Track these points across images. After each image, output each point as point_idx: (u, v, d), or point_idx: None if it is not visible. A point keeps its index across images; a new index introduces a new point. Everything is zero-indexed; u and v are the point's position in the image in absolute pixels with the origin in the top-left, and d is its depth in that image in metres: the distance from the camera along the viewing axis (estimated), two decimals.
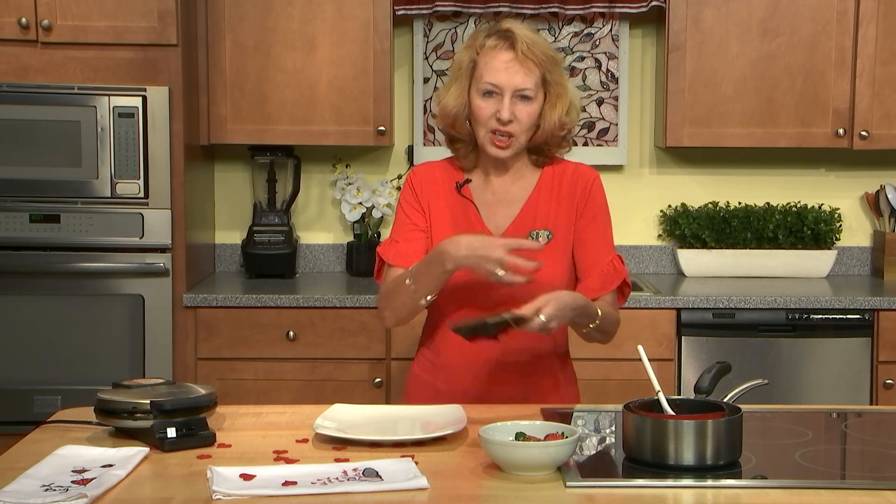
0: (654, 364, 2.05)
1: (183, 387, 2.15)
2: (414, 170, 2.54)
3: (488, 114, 2.37)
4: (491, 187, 2.48)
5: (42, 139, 3.63)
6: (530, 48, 2.36)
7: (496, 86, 2.36)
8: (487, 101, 2.37)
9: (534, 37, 2.39)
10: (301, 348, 3.73)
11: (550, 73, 2.39)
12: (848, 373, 3.76)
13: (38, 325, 3.68)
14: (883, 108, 3.97)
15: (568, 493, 1.78)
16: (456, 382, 2.43)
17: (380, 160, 4.33)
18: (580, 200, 2.46)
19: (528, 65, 2.36)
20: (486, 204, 2.46)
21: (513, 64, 2.35)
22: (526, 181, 2.48)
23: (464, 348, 2.36)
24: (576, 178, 2.48)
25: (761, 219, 4.18)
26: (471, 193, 2.47)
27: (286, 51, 3.94)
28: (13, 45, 3.64)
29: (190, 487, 1.80)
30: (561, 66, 2.44)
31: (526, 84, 2.36)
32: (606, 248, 2.48)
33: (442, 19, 4.23)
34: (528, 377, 2.44)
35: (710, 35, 3.98)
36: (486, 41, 2.39)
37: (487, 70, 2.36)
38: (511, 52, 2.36)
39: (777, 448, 2.10)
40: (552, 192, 2.47)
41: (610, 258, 2.47)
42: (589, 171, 2.51)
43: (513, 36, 2.37)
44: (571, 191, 2.47)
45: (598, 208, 2.49)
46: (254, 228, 4.12)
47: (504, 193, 2.47)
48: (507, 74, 2.35)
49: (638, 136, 4.33)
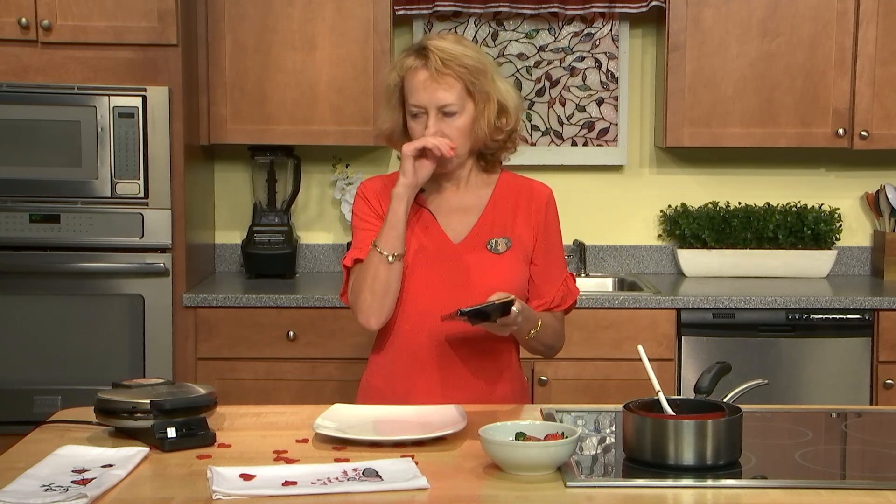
0: (654, 364, 2.05)
1: (183, 387, 2.15)
2: (363, 183, 2.53)
3: (419, 134, 2.38)
4: (444, 196, 2.48)
5: (42, 139, 3.63)
6: (444, 63, 2.33)
7: (419, 106, 2.37)
8: (417, 121, 2.38)
9: (451, 49, 2.36)
10: (301, 348, 3.73)
11: (473, 84, 2.37)
12: (848, 373, 3.76)
13: (38, 325, 3.68)
14: (883, 108, 3.97)
15: (568, 493, 1.78)
16: (410, 386, 2.42)
17: (380, 160, 4.33)
18: (535, 216, 2.47)
19: (447, 80, 2.34)
20: (442, 212, 2.47)
21: (430, 83, 2.35)
22: (480, 190, 2.49)
23: (419, 353, 2.40)
24: (531, 193, 2.49)
25: (761, 219, 4.19)
26: (425, 202, 2.47)
27: (286, 51, 3.94)
28: (13, 45, 3.64)
29: (190, 487, 1.79)
30: (487, 73, 2.39)
31: (447, 99, 2.35)
32: (561, 266, 2.53)
33: (442, 19, 4.23)
34: (482, 379, 2.44)
35: (710, 35, 3.98)
36: (405, 61, 2.39)
37: (409, 92, 2.38)
38: (425, 71, 2.35)
39: (777, 448, 2.10)
40: (508, 203, 2.48)
41: (563, 277, 2.51)
42: (544, 187, 2.53)
43: (427, 53, 2.35)
44: (528, 205, 2.47)
45: (553, 227, 2.51)
46: (254, 228, 4.12)
47: (459, 202, 2.48)
48: (426, 94, 2.35)
49: (638, 136, 4.33)
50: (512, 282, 2.41)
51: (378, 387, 2.48)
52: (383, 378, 2.48)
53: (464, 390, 2.41)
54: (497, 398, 2.44)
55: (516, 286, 2.42)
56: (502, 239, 2.44)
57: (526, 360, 2.66)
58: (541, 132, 4.30)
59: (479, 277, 2.40)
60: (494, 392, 2.45)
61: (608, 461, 2.07)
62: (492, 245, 2.42)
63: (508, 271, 2.42)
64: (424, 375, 2.42)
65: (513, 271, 2.42)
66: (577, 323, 3.62)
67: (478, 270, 2.40)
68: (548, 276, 2.49)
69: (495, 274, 2.41)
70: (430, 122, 2.36)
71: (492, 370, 2.45)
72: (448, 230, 2.44)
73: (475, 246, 2.43)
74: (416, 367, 2.42)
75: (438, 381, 2.42)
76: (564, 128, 4.29)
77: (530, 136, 4.28)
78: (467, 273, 2.40)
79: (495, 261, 2.42)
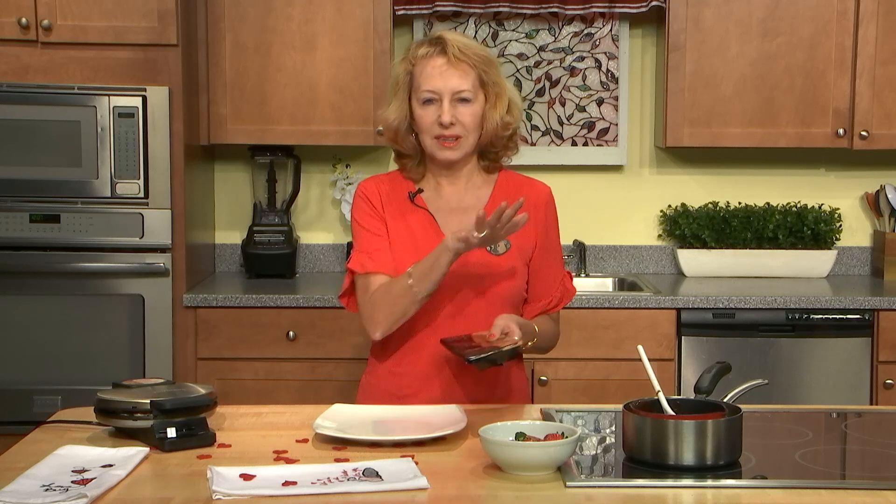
0: (654, 364, 2.05)
1: (183, 387, 2.15)
2: (361, 184, 2.52)
3: (430, 120, 2.38)
4: (444, 196, 2.48)
5: (42, 139, 3.63)
6: (462, 51, 2.38)
7: (434, 92, 2.37)
8: (427, 108, 2.39)
9: (465, 41, 2.41)
10: (301, 348, 3.73)
11: (486, 74, 2.40)
12: (848, 373, 3.76)
13: (38, 325, 3.68)
14: (883, 108, 3.97)
15: (568, 493, 1.78)
16: (413, 389, 2.42)
17: (380, 160, 4.33)
18: (535, 216, 2.47)
19: (462, 67, 2.37)
20: (442, 212, 2.47)
21: (447, 68, 2.37)
22: (480, 190, 2.50)
23: (421, 355, 2.40)
24: (532, 192, 2.50)
25: (761, 219, 4.18)
26: (424, 203, 2.47)
27: (286, 51, 3.94)
28: (13, 45, 3.64)
29: (190, 487, 1.79)
30: (497, 67, 2.45)
31: (462, 86, 2.37)
32: (560, 265, 2.54)
33: (442, 19, 4.23)
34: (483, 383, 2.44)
35: (710, 35, 3.98)
36: (418, 51, 2.41)
37: (423, 78, 2.38)
38: (443, 57, 2.38)
39: (777, 448, 2.10)
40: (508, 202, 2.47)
41: (562, 276, 2.52)
42: (543, 186, 2.54)
43: (443, 41, 2.39)
44: (527, 204, 2.46)
45: (553, 226, 2.53)
46: (254, 228, 4.12)
47: (458, 202, 2.48)
48: (442, 79, 2.37)
49: (638, 136, 4.33)
50: (510, 283, 2.42)
51: (378, 386, 2.48)
52: (384, 378, 2.48)
53: (465, 390, 2.42)
54: (497, 399, 2.44)
55: (514, 288, 2.43)
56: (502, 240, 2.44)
57: (526, 360, 2.66)
58: (541, 132, 4.30)
59: (479, 279, 2.40)
60: (494, 394, 2.45)
61: (608, 461, 2.07)
62: (491, 246, 2.42)
63: (508, 273, 2.42)
64: (424, 375, 2.42)
65: (512, 272, 2.43)
66: (577, 323, 3.63)
67: (478, 272, 2.41)
68: (546, 276, 2.49)
69: (495, 275, 2.41)
70: (444, 107, 2.36)
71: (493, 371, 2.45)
72: (447, 231, 2.43)
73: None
74: (417, 367, 2.43)
75: (439, 382, 2.42)
76: (564, 128, 4.29)
77: (530, 136, 4.28)
78: (467, 275, 2.40)
79: (494, 262, 2.42)
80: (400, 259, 2.41)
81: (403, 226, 2.45)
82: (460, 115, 2.38)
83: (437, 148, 2.41)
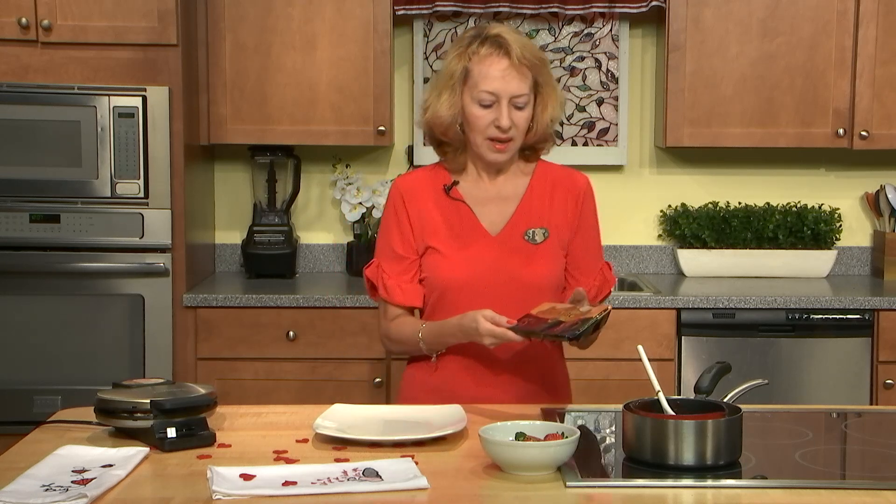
0: (654, 364, 2.06)
1: (183, 387, 2.15)
2: (396, 182, 2.52)
3: (486, 122, 2.38)
4: (483, 187, 2.48)
5: (42, 139, 3.63)
6: (524, 54, 2.37)
7: (493, 94, 2.36)
8: (484, 109, 2.37)
9: (523, 41, 2.40)
10: (301, 348, 3.73)
11: (541, 76, 2.41)
12: (848, 373, 3.76)
13: (38, 325, 3.68)
14: (883, 108, 3.97)
15: (568, 493, 1.78)
16: (455, 383, 2.43)
17: (380, 160, 4.33)
18: (574, 206, 2.48)
19: (523, 71, 2.37)
20: (479, 203, 2.47)
21: (509, 71, 2.36)
22: (518, 180, 2.50)
23: (464, 349, 2.38)
24: (570, 182, 2.50)
25: (761, 219, 4.19)
26: (460, 194, 2.47)
27: (286, 51, 3.94)
28: (13, 45, 3.64)
29: (190, 487, 1.80)
30: (549, 66, 2.46)
31: (522, 90, 2.37)
32: (598, 255, 2.54)
33: (442, 19, 4.23)
34: (526, 379, 2.44)
35: (710, 35, 3.98)
36: (479, 49, 2.38)
37: (483, 79, 2.36)
38: (507, 60, 2.36)
39: (777, 448, 2.10)
40: (545, 192, 2.48)
41: (601, 266, 2.53)
42: (581, 177, 2.54)
43: (506, 43, 2.37)
44: (565, 194, 2.48)
45: (592, 216, 2.53)
46: (254, 228, 4.12)
47: (496, 192, 2.48)
48: (503, 83, 2.36)
49: (638, 136, 4.33)
50: (549, 272, 2.42)
51: (423, 379, 2.47)
52: (428, 372, 2.46)
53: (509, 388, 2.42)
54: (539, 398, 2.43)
55: (553, 277, 2.44)
56: (539, 229, 2.44)
57: None
58: None
59: (517, 269, 2.40)
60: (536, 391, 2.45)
61: (608, 461, 2.07)
62: (529, 235, 2.43)
63: (545, 262, 2.42)
64: (471, 376, 2.42)
65: (550, 262, 2.43)
66: None
67: (515, 262, 2.40)
68: (585, 266, 2.49)
69: (533, 264, 2.41)
70: (503, 111, 2.35)
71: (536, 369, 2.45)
72: (484, 221, 2.44)
73: (512, 236, 2.43)
74: (464, 363, 2.42)
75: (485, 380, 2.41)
76: (564, 128, 4.29)
77: None
78: (505, 265, 2.40)
79: (532, 251, 2.42)
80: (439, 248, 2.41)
81: (440, 217, 2.45)
82: (516, 119, 2.37)
83: (489, 150, 2.40)
